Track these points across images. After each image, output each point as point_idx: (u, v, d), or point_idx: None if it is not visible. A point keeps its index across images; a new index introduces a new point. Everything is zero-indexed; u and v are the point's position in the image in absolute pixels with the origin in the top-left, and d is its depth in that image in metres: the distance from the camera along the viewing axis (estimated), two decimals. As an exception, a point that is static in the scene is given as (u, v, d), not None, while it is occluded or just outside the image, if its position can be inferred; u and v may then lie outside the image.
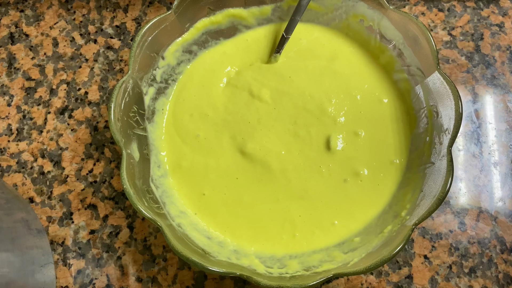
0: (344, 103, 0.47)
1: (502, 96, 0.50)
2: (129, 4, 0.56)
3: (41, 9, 0.56)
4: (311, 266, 0.39)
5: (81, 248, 0.46)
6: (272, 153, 0.45)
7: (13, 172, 0.49)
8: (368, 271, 0.35)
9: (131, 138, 0.42)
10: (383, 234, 0.40)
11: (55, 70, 0.53)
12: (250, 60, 0.50)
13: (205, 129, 0.47)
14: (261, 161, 0.45)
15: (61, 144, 0.50)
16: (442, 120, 0.41)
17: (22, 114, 0.52)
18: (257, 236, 0.43)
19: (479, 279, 0.43)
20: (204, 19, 0.48)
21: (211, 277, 0.45)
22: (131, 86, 0.43)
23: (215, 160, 0.46)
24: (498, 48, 0.51)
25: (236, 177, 0.45)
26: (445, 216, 0.46)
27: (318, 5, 0.48)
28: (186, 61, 0.49)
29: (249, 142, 0.46)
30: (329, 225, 0.43)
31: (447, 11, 0.53)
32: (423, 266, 0.44)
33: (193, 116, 0.48)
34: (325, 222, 0.43)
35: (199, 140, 0.47)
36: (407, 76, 0.45)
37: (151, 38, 0.44)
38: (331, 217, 0.43)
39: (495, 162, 0.47)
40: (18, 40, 0.55)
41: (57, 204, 0.48)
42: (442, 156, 0.39)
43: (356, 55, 0.49)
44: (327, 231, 0.43)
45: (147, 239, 0.46)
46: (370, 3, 0.45)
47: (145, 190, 0.41)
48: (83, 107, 0.51)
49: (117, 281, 0.45)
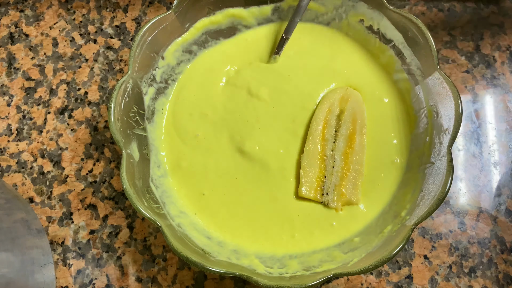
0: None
1: (502, 96, 0.50)
2: (129, 4, 0.56)
3: (41, 9, 0.56)
4: (311, 266, 0.39)
5: (81, 248, 0.46)
6: (270, 151, 0.45)
7: (13, 172, 0.49)
8: (368, 271, 0.35)
9: (131, 138, 0.42)
10: (383, 234, 0.40)
11: (55, 70, 0.53)
12: (250, 60, 0.50)
13: (204, 129, 0.47)
14: (260, 160, 0.45)
15: (61, 144, 0.50)
16: (442, 120, 0.41)
17: (22, 114, 0.52)
18: (256, 236, 0.43)
19: (479, 279, 0.43)
20: (204, 19, 0.47)
21: (211, 277, 0.45)
22: (131, 86, 0.43)
23: (214, 160, 0.46)
24: (498, 48, 0.51)
25: (235, 177, 0.45)
26: (445, 216, 0.46)
27: (318, 5, 0.48)
28: (186, 61, 0.49)
29: (248, 141, 0.46)
30: (328, 226, 0.43)
31: (447, 11, 0.53)
32: (423, 266, 0.44)
33: (193, 115, 0.48)
34: (324, 222, 0.43)
35: (198, 140, 0.47)
36: (407, 76, 0.45)
37: (151, 38, 0.44)
38: (330, 217, 0.43)
39: (495, 162, 0.47)
40: (18, 40, 0.55)
41: (57, 204, 0.48)
42: (442, 156, 0.39)
43: (356, 55, 0.49)
44: (326, 232, 0.43)
45: (147, 239, 0.46)
46: (370, 3, 0.45)
47: (145, 190, 0.41)
48: (83, 107, 0.51)
49: (117, 281, 0.45)
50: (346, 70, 0.48)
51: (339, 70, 0.48)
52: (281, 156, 0.45)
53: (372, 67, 0.48)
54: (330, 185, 0.43)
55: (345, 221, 0.43)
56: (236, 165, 0.45)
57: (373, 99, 0.47)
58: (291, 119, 0.46)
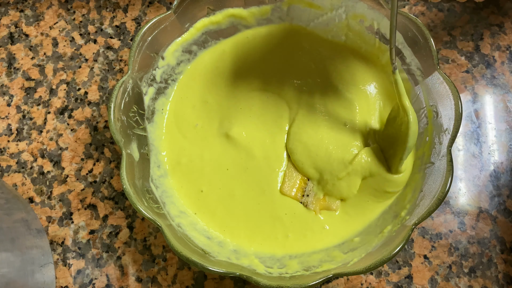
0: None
1: (502, 96, 0.50)
2: (129, 4, 0.56)
3: (41, 9, 0.56)
4: (311, 266, 0.39)
5: (81, 248, 0.46)
6: (256, 140, 0.46)
7: (12, 172, 0.49)
8: (368, 271, 0.35)
9: (131, 138, 0.42)
10: (383, 234, 0.40)
11: (55, 70, 0.53)
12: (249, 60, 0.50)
13: (203, 117, 0.47)
14: (245, 147, 0.45)
15: (61, 144, 0.50)
16: (442, 120, 0.41)
17: (21, 114, 0.52)
18: (254, 236, 0.43)
19: (479, 279, 0.43)
20: (204, 19, 0.47)
21: (211, 277, 0.45)
22: (131, 86, 0.43)
23: (208, 150, 0.46)
24: (498, 48, 0.51)
25: (226, 167, 0.45)
26: (445, 216, 0.46)
27: (318, 5, 0.48)
28: (186, 61, 0.49)
29: (235, 127, 0.46)
30: (320, 229, 0.43)
31: (447, 11, 0.53)
32: (423, 266, 0.44)
33: (196, 107, 0.48)
34: (314, 225, 0.43)
35: (196, 130, 0.47)
36: (407, 76, 0.45)
37: (150, 38, 0.44)
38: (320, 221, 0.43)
39: (495, 162, 0.47)
40: (18, 40, 0.55)
41: (57, 204, 0.48)
42: (442, 156, 0.39)
43: (356, 55, 0.49)
44: (320, 235, 0.43)
45: (147, 239, 0.46)
46: (370, 3, 0.45)
47: (145, 190, 0.41)
48: (83, 107, 0.51)
49: (117, 281, 0.45)
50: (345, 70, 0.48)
51: (338, 70, 0.48)
52: (267, 146, 0.46)
53: (372, 67, 0.48)
54: (311, 189, 0.44)
55: (337, 226, 0.43)
56: (225, 153, 0.46)
57: (372, 100, 0.47)
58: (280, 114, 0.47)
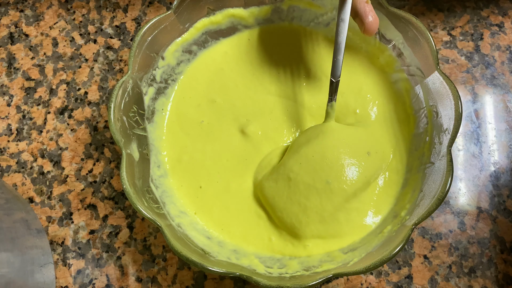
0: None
1: (502, 96, 0.50)
2: (129, 4, 0.56)
3: (41, 9, 0.56)
4: (311, 266, 0.39)
5: (80, 248, 0.46)
6: (269, 139, 0.46)
7: (12, 172, 0.49)
8: (368, 271, 0.35)
9: (131, 138, 0.42)
10: (383, 234, 0.40)
11: (55, 70, 0.53)
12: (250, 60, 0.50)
13: (210, 115, 0.47)
14: (255, 143, 0.46)
15: (60, 144, 0.50)
16: (442, 120, 0.41)
17: (21, 114, 0.52)
18: (251, 235, 0.43)
19: (478, 279, 0.43)
20: (204, 19, 0.47)
21: (211, 277, 0.45)
22: (131, 86, 0.43)
23: (212, 143, 0.46)
24: (498, 48, 0.51)
25: (226, 159, 0.45)
26: (445, 216, 0.46)
27: (318, 5, 0.48)
28: (186, 61, 0.49)
29: (252, 125, 0.46)
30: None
31: (447, 11, 0.53)
32: (422, 266, 0.44)
33: (201, 105, 0.48)
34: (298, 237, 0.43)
35: (202, 126, 0.47)
36: (407, 76, 0.45)
37: (150, 38, 0.44)
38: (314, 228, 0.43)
39: (495, 162, 0.47)
40: (18, 40, 0.55)
41: (57, 204, 0.48)
42: (441, 156, 0.39)
43: (356, 55, 0.49)
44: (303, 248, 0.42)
45: (146, 239, 0.46)
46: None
47: (145, 190, 0.41)
48: (83, 107, 0.51)
49: (116, 281, 0.45)
50: (345, 70, 0.48)
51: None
52: (277, 145, 0.46)
53: (371, 67, 0.48)
54: None
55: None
56: (231, 145, 0.46)
57: (372, 99, 0.47)
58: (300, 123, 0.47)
